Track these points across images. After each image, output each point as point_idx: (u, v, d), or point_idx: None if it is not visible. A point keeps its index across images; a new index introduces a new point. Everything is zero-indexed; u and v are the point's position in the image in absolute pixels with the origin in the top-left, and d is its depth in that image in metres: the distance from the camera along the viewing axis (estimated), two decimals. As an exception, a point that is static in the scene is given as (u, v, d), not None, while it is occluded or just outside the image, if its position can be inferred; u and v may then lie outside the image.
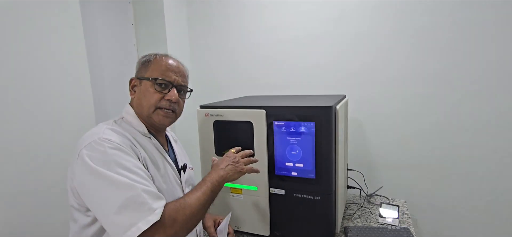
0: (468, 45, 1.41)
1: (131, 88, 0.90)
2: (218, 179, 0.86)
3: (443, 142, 1.51)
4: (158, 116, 0.86)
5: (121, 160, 0.71)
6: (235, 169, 0.91)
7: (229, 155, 0.95)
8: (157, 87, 0.85)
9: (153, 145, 0.88)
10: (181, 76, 0.90)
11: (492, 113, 1.42)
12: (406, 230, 1.17)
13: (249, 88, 1.85)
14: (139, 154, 0.78)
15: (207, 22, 1.91)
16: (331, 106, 0.98)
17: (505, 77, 1.38)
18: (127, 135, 0.80)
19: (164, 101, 0.85)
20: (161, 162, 0.86)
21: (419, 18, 1.46)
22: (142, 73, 0.88)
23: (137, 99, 0.88)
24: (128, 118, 0.88)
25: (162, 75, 0.85)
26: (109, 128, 0.79)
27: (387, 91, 1.56)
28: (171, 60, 0.89)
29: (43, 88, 1.25)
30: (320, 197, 1.04)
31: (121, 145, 0.74)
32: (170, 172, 0.89)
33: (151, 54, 0.90)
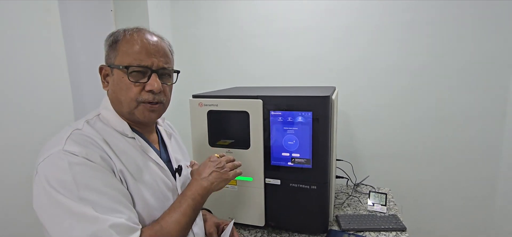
0: (450, 41, 1.49)
1: (103, 78, 0.73)
2: (201, 192, 0.73)
3: (426, 133, 1.59)
4: (142, 112, 0.69)
5: (86, 180, 0.57)
6: (221, 177, 0.78)
7: (212, 160, 0.81)
8: (132, 77, 0.66)
9: (138, 147, 0.71)
10: (162, 56, 0.70)
11: (472, 106, 1.52)
12: (394, 217, 1.22)
13: (236, 79, 1.82)
14: (114, 166, 0.63)
15: (194, 10, 1.85)
16: (328, 95, 0.99)
17: (485, 72, 1.47)
18: (98, 142, 0.64)
19: (145, 93, 0.68)
20: (147, 168, 0.71)
21: (405, 14, 1.51)
22: (111, 58, 0.69)
23: (112, 92, 0.70)
24: (106, 115, 0.71)
25: (136, 59, 0.66)
26: (78, 132, 0.63)
27: (374, 84, 1.61)
28: (146, 36, 0.69)
29: (18, 78, 1.15)
30: (316, 186, 1.05)
31: (88, 158, 0.59)
32: (161, 179, 0.74)
33: (119, 32, 0.69)
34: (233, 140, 1.15)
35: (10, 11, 1.12)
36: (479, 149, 1.54)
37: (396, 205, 1.36)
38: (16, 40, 1.14)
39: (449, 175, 1.60)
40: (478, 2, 1.43)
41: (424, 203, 1.66)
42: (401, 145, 1.63)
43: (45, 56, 1.26)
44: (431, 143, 1.59)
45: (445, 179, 1.61)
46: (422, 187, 1.64)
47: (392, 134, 1.63)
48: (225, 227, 0.93)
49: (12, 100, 1.11)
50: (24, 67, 1.17)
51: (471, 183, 1.58)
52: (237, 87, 1.57)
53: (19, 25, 1.16)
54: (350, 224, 1.17)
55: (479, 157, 1.55)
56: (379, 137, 1.65)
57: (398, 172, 1.66)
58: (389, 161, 1.66)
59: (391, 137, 1.64)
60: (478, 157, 1.55)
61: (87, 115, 0.71)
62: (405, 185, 1.65)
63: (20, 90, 1.14)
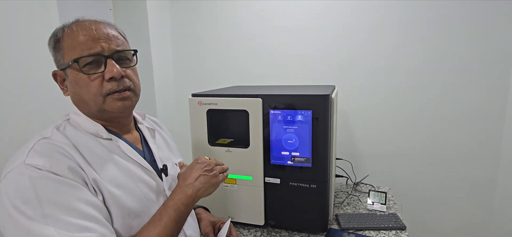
0: (449, 39, 1.48)
1: (60, 84, 0.67)
2: (185, 201, 0.65)
3: (426, 132, 1.59)
4: (112, 104, 0.63)
5: (50, 196, 0.51)
6: (210, 181, 0.70)
7: (200, 161, 0.73)
8: (86, 69, 0.61)
9: (116, 149, 0.66)
10: (112, 38, 0.64)
11: (472, 104, 1.51)
12: (394, 215, 1.22)
13: (236, 78, 1.82)
14: (85, 176, 0.57)
15: (193, 10, 1.85)
16: (328, 94, 0.99)
17: (485, 70, 1.47)
18: (68, 150, 0.58)
19: (107, 84, 0.62)
20: (127, 172, 0.65)
21: (405, 12, 1.51)
22: (59, 60, 0.63)
23: (74, 95, 0.65)
24: (76, 119, 0.65)
25: (83, 50, 0.60)
26: (43, 142, 0.58)
27: (373, 82, 1.61)
28: (88, 23, 0.63)
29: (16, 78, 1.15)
30: (316, 185, 1.05)
31: (52, 171, 0.53)
32: (143, 182, 0.67)
33: (58, 30, 0.64)
34: (233, 139, 1.15)
35: (9, 10, 1.12)
36: (479, 148, 1.54)
37: (396, 204, 1.36)
38: (15, 40, 1.14)
39: (449, 173, 1.60)
40: (477, 1, 1.42)
41: (424, 202, 1.65)
42: (401, 144, 1.63)
43: (44, 56, 1.25)
44: (431, 142, 1.59)
45: (444, 178, 1.61)
46: (421, 185, 1.64)
47: (392, 133, 1.63)
48: (221, 225, 0.88)
49: (10, 100, 1.10)
50: (23, 67, 1.17)
51: (471, 181, 1.58)
52: (236, 86, 1.57)
53: (17, 25, 1.16)
54: (350, 223, 1.16)
55: (479, 155, 1.55)
56: (379, 135, 1.65)
57: (397, 171, 1.65)
58: (389, 160, 1.66)
59: (391, 135, 1.64)
60: (478, 155, 1.55)
61: (57, 120, 0.66)
62: (404, 184, 1.65)
63: (18, 90, 1.14)
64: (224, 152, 1.10)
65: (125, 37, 0.69)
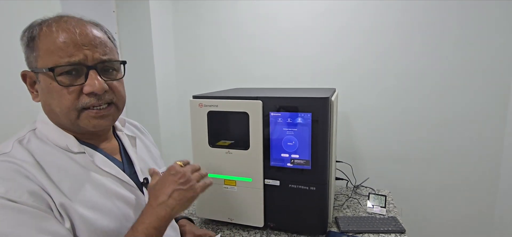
0: (451, 42, 1.49)
1: (30, 87, 0.58)
2: (157, 224, 0.56)
3: (426, 135, 1.59)
4: (88, 121, 0.56)
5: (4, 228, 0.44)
6: (186, 195, 0.60)
7: (174, 172, 0.62)
8: (63, 79, 0.52)
9: (90, 163, 0.58)
10: (99, 45, 0.55)
11: (473, 108, 1.51)
12: (394, 219, 1.22)
13: (237, 80, 1.83)
14: (49, 200, 0.50)
15: (195, 11, 1.86)
16: (328, 97, 1.00)
17: (486, 73, 1.47)
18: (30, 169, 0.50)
19: (85, 97, 0.54)
20: (102, 189, 0.57)
21: (406, 15, 1.51)
22: (31, 61, 0.55)
23: (44, 103, 0.57)
24: (43, 130, 0.57)
25: (62, 57, 0.52)
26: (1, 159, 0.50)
27: (373, 85, 1.61)
28: (72, 23, 0.54)
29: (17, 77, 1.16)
30: (315, 188, 1.05)
31: (9, 198, 0.45)
32: (120, 198, 0.60)
33: (34, 25, 0.55)
34: (233, 140, 1.16)
35: (14, 12, 1.14)
36: (480, 152, 1.54)
37: (396, 207, 1.36)
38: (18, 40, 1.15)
39: (449, 177, 1.59)
40: (477, 3, 1.42)
41: (424, 206, 1.65)
42: (401, 147, 1.63)
43: None
44: (431, 145, 1.59)
45: (445, 182, 1.60)
46: (422, 189, 1.64)
47: (393, 136, 1.63)
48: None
49: (16, 101, 1.12)
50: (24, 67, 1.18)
51: (472, 186, 1.57)
52: (237, 88, 1.58)
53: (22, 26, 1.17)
54: (349, 226, 1.17)
55: (480, 159, 1.54)
56: (379, 139, 1.65)
57: (398, 174, 1.65)
58: (389, 163, 1.66)
59: (392, 138, 1.64)
60: (479, 159, 1.54)
61: (20, 131, 0.57)
62: (405, 187, 1.65)
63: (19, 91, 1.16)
64: (224, 154, 1.11)
65: (114, 42, 0.61)
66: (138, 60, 1.80)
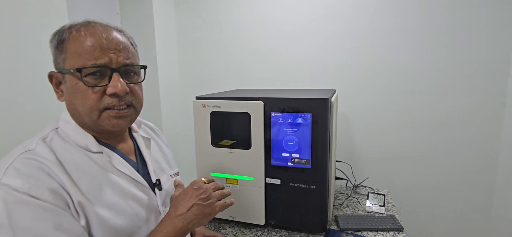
0: (448, 44, 1.51)
1: (55, 87, 0.62)
2: (173, 234, 0.60)
3: (424, 136, 1.62)
4: (109, 121, 0.59)
5: (25, 223, 0.47)
6: (204, 211, 0.64)
7: (197, 187, 0.66)
8: (89, 80, 0.56)
9: (107, 163, 0.61)
10: (122, 50, 0.59)
11: (470, 109, 1.54)
12: (392, 217, 1.24)
13: (239, 81, 1.86)
14: (68, 199, 0.53)
15: (197, 14, 1.89)
16: (327, 98, 1.02)
17: (482, 75, 1.50)
18: (52, 167, 0.53)
19: (107, 98, 0.57)
20: (117, 188, 0.60)
21: (405, 18, 1.54)
22: (59, 62, 0.58)
23: (69, 103, 0.60)
24: (65, 129, 0.60)
25: (89, 59, 0.55)
26: (25, 156, 0.52)
27: (372, 86, 1.64)
28: (99, 29, 0.58)
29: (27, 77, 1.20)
30: (315, 186, 1.08)
31: (31, 194, 0.48)
32: (134, 198, 0.63)
33: (64, 29, 0.58)
34: (235, 140, 1.19)
35: (21, 13, 1.17)
36: (477, 152, 1.56)
37: (394, 206, 1.38)
38: (27, 42, 1.19)
39: (447, 177, 1.62)
40: (473, 5, 1.45)
41: (422, 205, 1.68)
42: (400, 147, 1.66)
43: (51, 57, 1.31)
44: (430, 145, 1.61)
45: (443, 181, 1.63)
46: (420, 188, 1.67)
47: (392, 136, 1.66)
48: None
49: (19, 100, 1.15)
50: (31, 67, 1.22)
51: (469, 185, 1.60)
52: (239, 89, 1.61)
53: (29, 27, 1.21)
54: (349, 224, 1.19)
55: (477, 159, 1.57)
56: (378, 139, 1.68)
57: (397, 174, 1.68)
58: (388, 163, 1.69)
59: (391, 139, 1.66)
60: (476, 159, 1.57)
61: (44, 129, 0.61)
62: (403, 187, 1.68)
63: (26, 91, 1.19)
64: (226, 153, 1.14)
65: (135, 48, 0.65)
66: (141, 61, 1.82)
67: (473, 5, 1.45)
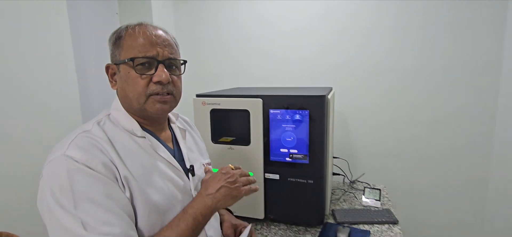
0: (440, 43, 1.56)
1: (110, 77, 0.72)
2: (204, 211, 0.67)
3: (418, 132, 1.66)
4: (153, 105, 0.68)
5: (83, 188, 0.56)
6: (231, 193, 0.71)
7: (225, 172, 0.73)
8: (139, 69, 0.66)
9: (148, 147, 0.70)
10: (167, 46, 0.69)
11: (463, 105, 1.58)
12: (388, 211, 1.28)
13: (237, 79, 1.89)
14: (117, 173, 0.61)
15: (196, 13, 1.92)
16: (324, 95, 1.06)
17: (474, 73, 1.54)
18: (104, 145, 0.62)
19: (153, 85, 0.66)
20: (156, 169, 0.68)
21: (398, 17, 1.58)
22: (115, 55, 0.69)
23: (121, 90, 0.70)
24: (115, 115, 0.70)
25: (140, 51, 0.65)
26: (84, 135, 0.62)
27: (369, 85, 1.68)
28: (149, 28, 0.69)
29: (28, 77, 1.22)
30: (313, 181, 1.11)
31: (89, 165, 0.58)
32: (170, 179, 0.70)
33: (121, 28, 0.69)
34: (235, 137, 1.22)
35: (23, 13, 1.19)
36: (470, 147, 1.61)
37: (390, 200, 1.42)
38: (29, 41, 1.21)
39: (441, 172, 1.66)
40: (465, 6, 1.49)
41: (417, 199, 1.72)
42: (396, 143, 1.70)
43: (53, 55, 1.33)
44: (424, 142, 1.66)
45: (437, 176, 1.67)
46: (415, 183, 1.71)
47: (387, 133, 1.70)
48: (243, 229, 0.89)
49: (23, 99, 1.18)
50: (36, 67, 1.24)
51: (463, 180, 1.64)
52: (238, 88, 1.64)
53: (31, 27, 1.23)
54: (345, 217, 1.23)
55: (470, 154, 1.61)
56: (375, 136, 1.72)
57: (392, 169, 1.72)
58: (384, 159, 1.73)
59: (386, 136, 1.70)
60: (469, 154, 1.61)
61: (99, 115, 0.71)
62: (399, 182, 1.72)
63: (31, 90, 1.21)
64: (226, 150, 1.17)
65: (177, 46, 0.74)
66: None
67: (467, 7, 1.49)
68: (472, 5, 1.49)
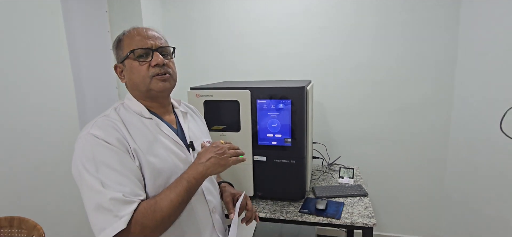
0: (405, 42, 1.77)
1: (119, 75, 0.87)
2: (196, 176, 0.79)
3: (387, 120, 1.88)
4: (156, 84, 0.82)
5: (102, 157, 0.71)
6: (219, 162, 0.83)
7: (215, 145, 0.86)
8: (139, 59, 0.82)
9: (154, 126, 0.84)
10: (157, 38, 0.85)
11: (424, 95, 1.81)
12: (359, 186, 1.48)
13: (225, 73, 2.03)
14: (128, 146, 0.76)
15: (184, 11, 2.03)
16: (304, 86, 1.23)
17: (436, 68, 1.77)
18: (119, 125, 0.78)
19: (152, 68, 0.82)
20: (160, 143, 0.82)
21: (374, 19, 1.78)
22: (119, 55, 0.85)
23: (129, 80, 0.85)
24: (128, 103, 0.86)
25: (137, 45, 0.82)
26: (103, 118, 0.79)
27: (343, 78, 1.87)
28: (141, 29, 0.86)
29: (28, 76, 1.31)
30: (295, 161, 1.28)
31: (106, 140, 0.73)
32: (172, 152, 0.84)
33: (120, 34, 0.87)
34: (226, 125, 1.36)
35: (18, 13, 1.27)
36: (430, 131, 1.84)
37: (361, 178, 1.63)
38: (25, 41, 1.30)
39: (406, 152, 1.90)
40: (430, 10, 1.71)
41: (385, 175, 1.95)
42: (367, 129, 1.91)
43: (47, 54, 1.42)
44: (391, 128, 1.88)
45: (402, 156, 1.91)
46: (383, 162, 1.94)
47: (359, 120, 1.91)
48: (239, 197, 1.01)
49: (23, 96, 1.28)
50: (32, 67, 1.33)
51: (424, 159, 1.89)
52: (228, 81, 1.78)
53: (27, 27, 1.31)
54: (323, 192, 1.41)
55: (430, 137, 1.85)
56: (349, 123, 1.92)
57: (364, 151, 1.94)
58: (357, 143, 1.94)
59: (359, 122, 1.91)
60: (429, 137, 1.85)
61: (115, 103, 0.88)
62: (370, 162, 1.94)
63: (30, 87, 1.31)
64: (219, 136, 1.32)
65: (165, 40, 0.90)
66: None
67: (424, 8, 1.71)
68: (428, 8, 1.70)
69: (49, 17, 1.45)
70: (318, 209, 1.26)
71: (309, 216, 1.24)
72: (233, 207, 0.98)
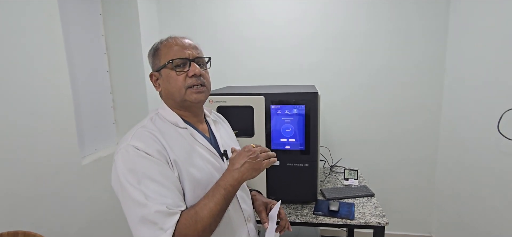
0: (397, 48, 1.86)
1: (154, 83, 0.88)
2: (233, 183, 0.78)
3: (383, 122, 1.96)
4: (191, 95, 0.82)
5: (144, 169, 0.71)
6: (253, 167, 0.82)
7: (247, 150, 0.84)
8: (177, 68, 0.82)
9: (189, 136, 0.84)
10: (194, 49, 0.85)
11: (418, 99, 1.92)
12: (365, 187, 1.54)
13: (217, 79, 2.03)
14: (168, 157, 0.76)
15: (179, 14, 2.01)
16: (317, 92, 1.26)
17: (427, 72, 1.88)
18: (157, 136, 0.77)
19: (189, 79, 0.81)
20: (196, 153, 0.82)
21: (365, 24, 1.86)
22: (156, 63, 0.85)
23: (164, 90, 0.85)
24: (162, 113, 0.86)
25: (175, 55, 0.82)
26: (141, 129, 0.78)
27: (341, 82, 1.94)
28: (179, 38, 0.86)
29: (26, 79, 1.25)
30: (308, 164, 1.32)
31: (147, 152, 0.73)
32: (208, 161, 0.84)
33: (157, 43, 0.87)
34: (238, 130, 1.36)
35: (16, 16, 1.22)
36: (422, 132, 1.96)
37: (364, 179, 1.69)
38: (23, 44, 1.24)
39: (401, 153, 2.00)
40: (421, 17, 1.82)
41: (383, 175, 2.04)
42: (366, 132, 1.99)
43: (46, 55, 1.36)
44: (387, 130, 1.97)
45: (398, 156, 2.00)
46: (381, 163, 2.02)
47: (358, 124, 1.98)
48: (272, 206, 0.99)
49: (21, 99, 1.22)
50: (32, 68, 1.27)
51: (417, 158, 1.99)
52: (239, 86, 1.78)
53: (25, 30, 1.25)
54: (332, 194, 1.46)
55: (422, 138, 1.97)
56: (349, 127, 2.00)
57: (363, 153, 2.01)
58: (356, 146, 2.01)
59: (358, 126, 1.99)
60: (421, 138, 1.97)
61: (151, 113, 0.88)
62: (369, 163, 2.01)
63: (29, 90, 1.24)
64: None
65: (201, 50, 0.90)
66: (127, 61, 1.88)
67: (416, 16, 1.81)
68: (420, 14, 1.81)
69: (46, 20, 1.38)
70: (331, 210, 1.30)
71: (324, 218, 1.27)
72: (266, 216, 0.97)
